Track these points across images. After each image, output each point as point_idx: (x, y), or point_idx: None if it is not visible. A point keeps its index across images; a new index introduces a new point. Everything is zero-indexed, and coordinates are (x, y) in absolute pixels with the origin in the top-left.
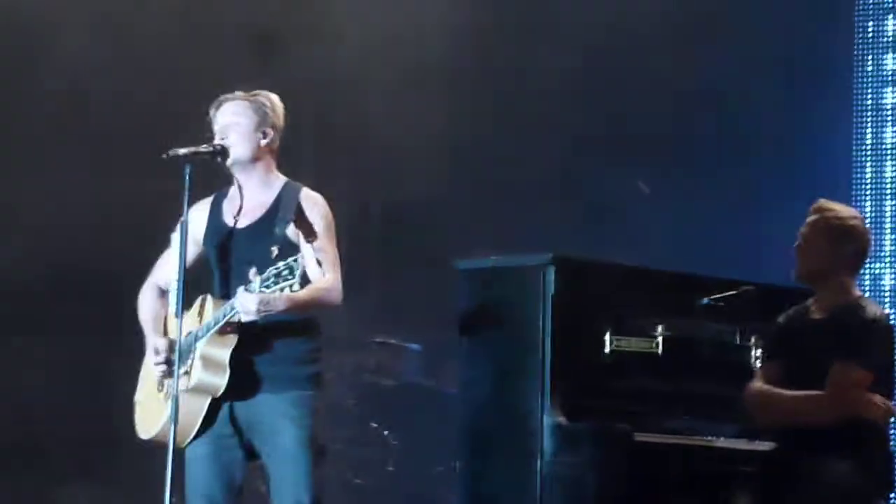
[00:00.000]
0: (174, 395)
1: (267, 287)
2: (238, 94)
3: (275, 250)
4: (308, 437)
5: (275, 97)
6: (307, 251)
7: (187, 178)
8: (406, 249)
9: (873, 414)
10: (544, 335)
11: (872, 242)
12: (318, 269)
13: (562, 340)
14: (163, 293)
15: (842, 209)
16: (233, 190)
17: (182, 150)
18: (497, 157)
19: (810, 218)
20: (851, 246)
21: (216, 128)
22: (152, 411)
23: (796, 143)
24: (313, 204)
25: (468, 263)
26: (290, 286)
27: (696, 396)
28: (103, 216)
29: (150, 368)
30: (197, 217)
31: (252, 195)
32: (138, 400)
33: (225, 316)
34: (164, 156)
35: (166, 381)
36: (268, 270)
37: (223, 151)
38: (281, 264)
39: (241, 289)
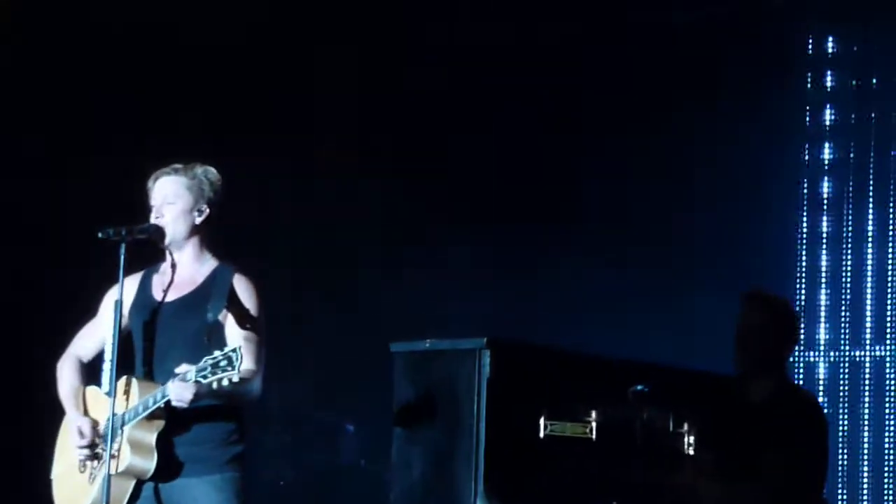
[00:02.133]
0: (105, 477)
1: (204, 377)
2: (175, 167)
3: (205, 333)
4: None
5: (212, 170)
6: (238, 338)
7: (122, 257)
8: (342, 329)
9: None
10: (479, 419)
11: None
12: (249, 360)
13: (496, 424)
14: (82, 366)
15: (781, 298)
16: (164, 265)
17: (118, 231)
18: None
19: (754, 305)
20: (796, 335)
21: (152, 203)
22: (74, 492)
23: (731, 230)
24: (245, 288)
25: (402, 346)
26: (230, 378)
27: (630, 483)
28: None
29: (69, 445)
30: (125, 290)
31: (183, 270)
32: (55, 476)
33: (155, 402)
34: (99, 235)
35: (89, 463)
36: (204, 360)
37: (159, 233)
38: (218, 354)
39: (175, 379)
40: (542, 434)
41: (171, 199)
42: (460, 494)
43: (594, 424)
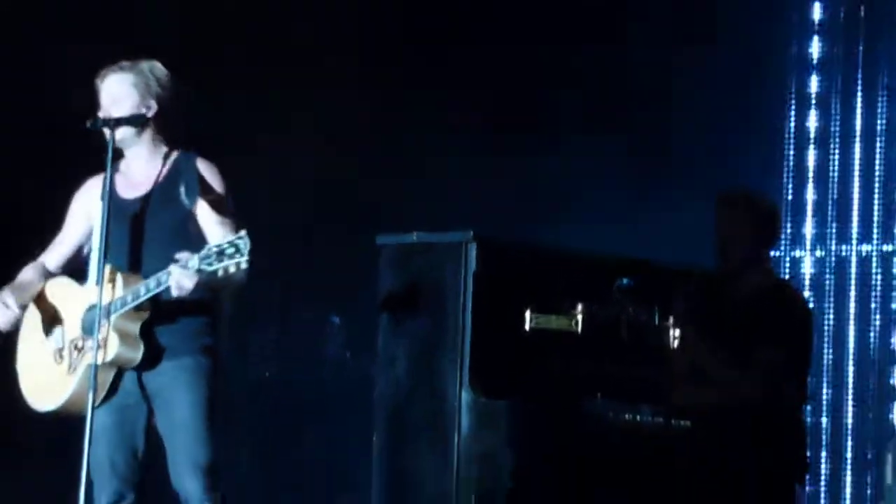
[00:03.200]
0: (92, 367)
1: (209, 265)
2: (122, 64)
3: (184, 222)
4: (203, 402)
5: (158, 64)
6: (213, 223)
7: (111, 145)
8: (329, 221)
9: (788, 400)
10: (464, 312)
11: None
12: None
13: (481, 317)
14: (47, 273)
15: (762, 194)
16: (122, 164)
17: (109, 117)
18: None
19: (734, 203)
20: (775, 230)
21: (101, 102)
22: (50, 382)
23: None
24: (211, 172)
25: (389, 238)
26: (238, 265)
27: (615, 376)
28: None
29: (35, 336)
30: (90, 192)
31: (141, 165)
32: (23, 366)
33: (149, 291)
34: (87, 124)
35: (67, 353)
36: (207, 248)
37: (142, 118)
38: (224, 242)
39: (176, 266)
40: (527, 327)
41: (118, 97)
42: (445, 386)
43: (579, 318)
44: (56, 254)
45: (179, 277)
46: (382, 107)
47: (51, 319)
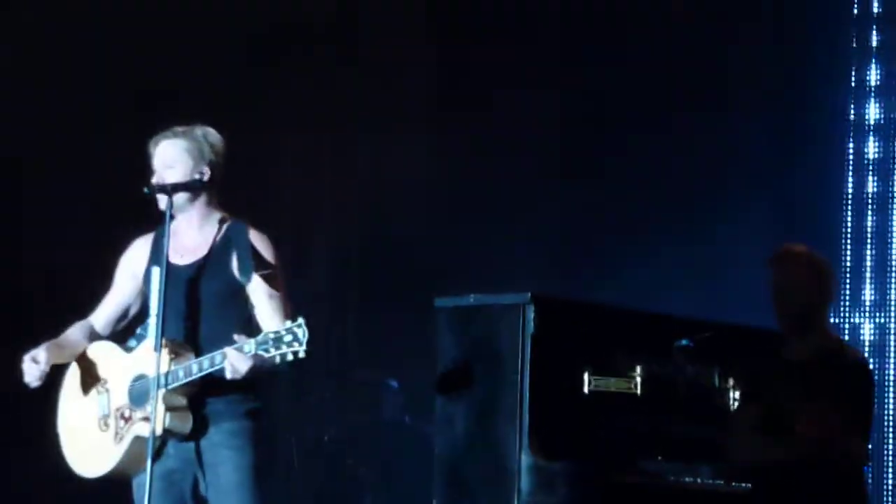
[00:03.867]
0: (151, 439)
1: (266, 351)
2: (175, 130)
3: (232, 294)
4: (250, 465)
5: (212, 131)
6: (264, 297)
7: (169, 211)
8: (386, 285)
9: (854, 458)
10: (523, 374)
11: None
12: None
13: (540, 379)
14: (93, 333)
15: (811, 252)
16: (173, 228)
17: (168, 182)
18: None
19: (790, 259)
20: (833, 287)
21: (154, 168)
22: (95, 449)
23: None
24: (264, 244)
25: (447, 301)
26: (296, 353)
27: (674, 438)
28: None
29: (77, 397)
30: (139, 253)
31: (192, 232)
32: (67, 429)
33: (202, 370)
34: (146, 189)
35: (113, 422)
36: (264, 334)
37: (200, 184)
38: (282, 329)
39: (232, 349)
40: (586, 389)
41: (171, 162)
42: (505, 450)
43: (638, 379)
44: (103, 313)
45: (235, 361)
46: (442, 162)
47: (94, 384)
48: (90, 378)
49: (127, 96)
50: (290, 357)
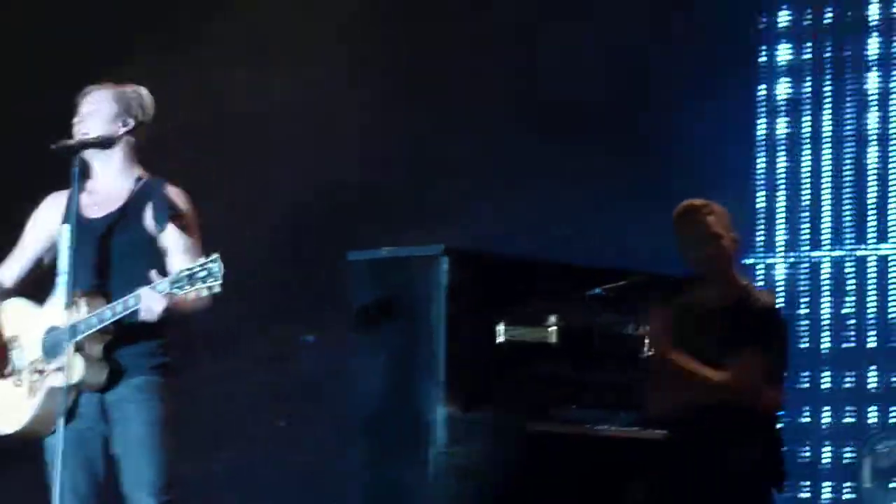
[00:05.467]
0: (64, 388)
1: (180, 288)
2: (106, 83)
3: (149, 244)
4: (156, 420)
5: (143, 90)
6: (180, 248)
7: (76, 169)
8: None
9: (768, 403)
10: (438, 326)
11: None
12: None
13: (455, 331)
14: (2, 290)
15: (713, 203)
16: (90, 183)
17: (71, 141)
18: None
19: (691, 214)
20: (736, 235)
21: (76, 117)
22: (9, 405)
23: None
24: (183, 199)
25: (360, 254)
26: (210, 289)
27: (590, 386)
28: None
29: None
30: (51, 208)
31: (109, 184)
32: None
33: (115, 314)
34: (53, 146)
35: (27, 376)
36: (178, 271)
37: (109, 141)
38: (195, 266)
39: (146, 288)
40: (501, 339)
41: (95, 106)
42: (421, 402)
43: (553, 329)
44: (13, 268)
45: (149, 301)
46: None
47: (7, 341)
48: (1, 336)
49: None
50: (204, 293)
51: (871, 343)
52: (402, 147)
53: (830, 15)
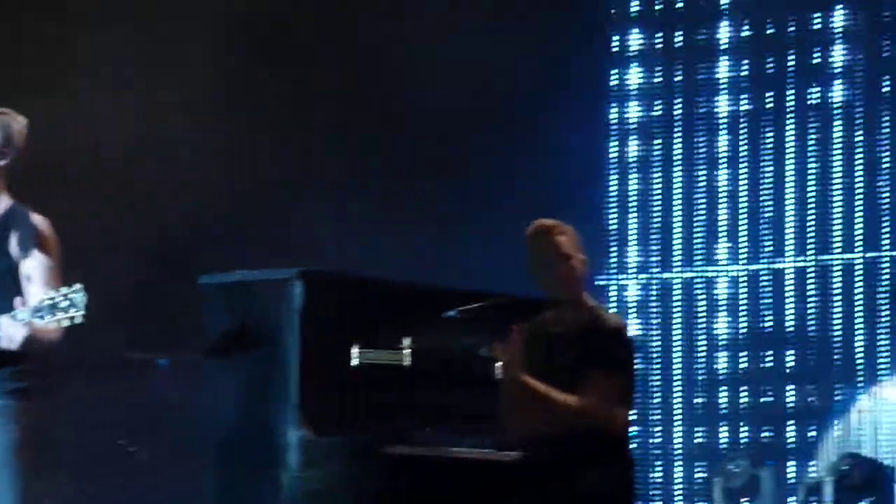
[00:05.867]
0: None
1: (41, 318)
2: None
3: (8, 272)
4: (12, 445)
5: (20, 118)
6: (40, 277)
7: None
8: (157, 261)
9: (619, 425)
10: (291, 349)
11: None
12: None
13: (309, 355)
14: None
15: (563, 224)
16: None
17: None
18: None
19: (542, 234)
20: (584, 256)
21: None
22: None
23: (540, 156)
24: (46, 226)
25: (212, 278)
26: (73, 319)
27: (444, 409)
28: None
29: None
30: None
31: None
32: None
33: None
34: None
35: None
36: (40, 301)
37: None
38: (57, 295)
39: (5, 316)
40: (354, 362)
41: None
42: (275, 427)
43: (408, 352)
44: None
45: (10, 329)
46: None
47: None
48: None
49: None
50: (66, 322)
51: (722, 364)
52: (265, 173)
53: (681, 38)
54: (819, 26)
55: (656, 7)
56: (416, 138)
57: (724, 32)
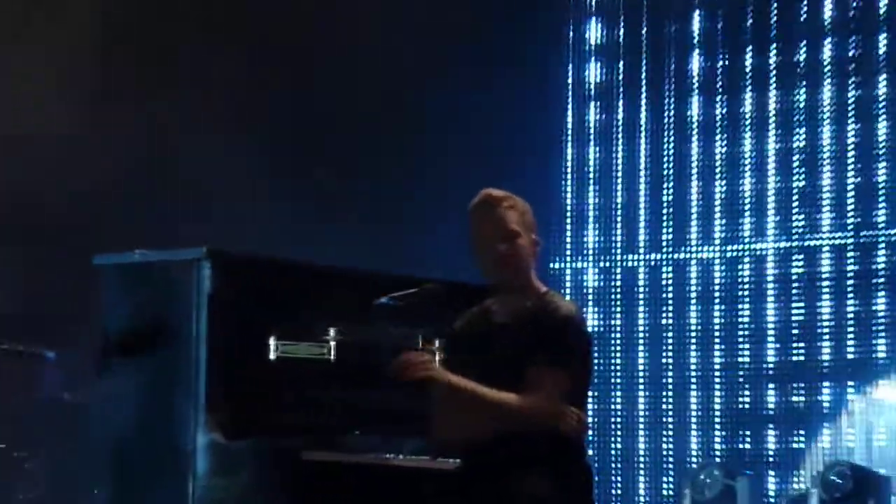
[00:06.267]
0: None
1: None
2: None
3: None
4: None
5: None
6: None
7: None
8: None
9: (570, 427)
10: (199, 340)
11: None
12: None
13: (219, 346)
14: None
15: (516, 195)
16: None
17: None
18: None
19: (491, 205)
20: (537, 234)
21: None
22: None
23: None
24: None
25: (108, 258)
26: None
27: (374, 409)
28: None
29: None
30: None
31: None
32: None
33: None
34: None
35: None
36: None
37: None
38: None
39: None
40: (272, 356)
41: None
42: (179, 429)
43: (332, 344)
44: None
45: None
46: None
47: None
48: None
49: None
50: None
51: (694, 361)
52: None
53: None
54: None
55: None
56: (346, 104)
57: None
